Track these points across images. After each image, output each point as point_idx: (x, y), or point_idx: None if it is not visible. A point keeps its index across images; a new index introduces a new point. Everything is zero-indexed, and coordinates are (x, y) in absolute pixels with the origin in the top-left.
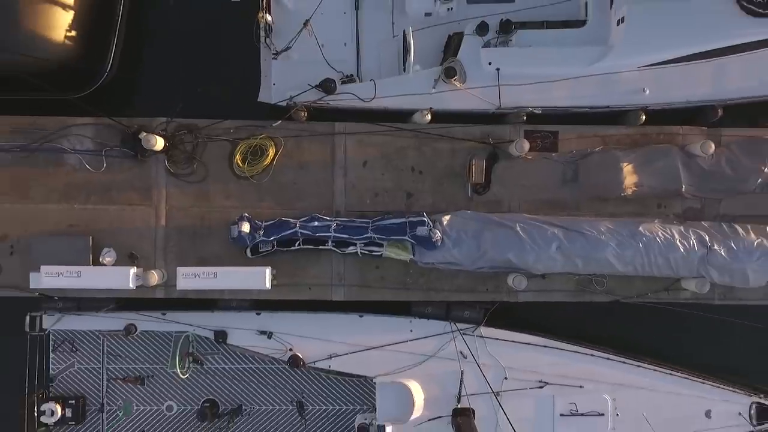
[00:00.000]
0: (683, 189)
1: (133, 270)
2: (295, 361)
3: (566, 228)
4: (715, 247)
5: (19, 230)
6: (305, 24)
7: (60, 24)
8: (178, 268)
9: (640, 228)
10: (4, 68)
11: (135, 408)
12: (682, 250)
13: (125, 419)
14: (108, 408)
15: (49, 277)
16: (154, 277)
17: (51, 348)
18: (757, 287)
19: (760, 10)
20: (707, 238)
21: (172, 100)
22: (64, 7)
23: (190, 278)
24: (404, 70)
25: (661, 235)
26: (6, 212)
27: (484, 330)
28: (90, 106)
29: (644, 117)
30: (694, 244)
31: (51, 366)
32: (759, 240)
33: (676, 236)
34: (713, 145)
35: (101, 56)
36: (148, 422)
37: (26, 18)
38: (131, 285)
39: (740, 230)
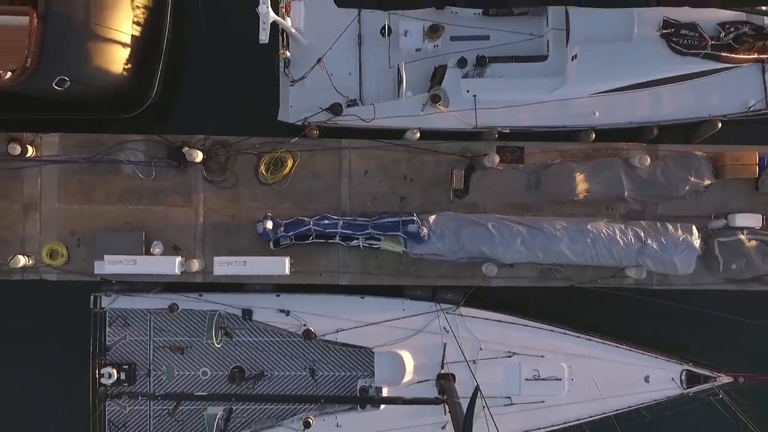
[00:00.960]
0: (626, 194)
1: (177, 259)
2: (308, 335)
3: (529, 226)
4: (649, 241)
5: (84, 227)
6: (318, 60)
7: (116, 59)
8: (214, 257)
9: (588, 226)
10: (73, 96)
11: (176, 373)
12: (622, 243)
13: (168, 382)
14: (154, 373)
15: (111, 264)
16: (195, 265)
17: (107, 323)
18: (685, 275)
19: (685, 50)
20: (642, 234)
21: (207, 120)
22: (121, 45)
23: (224, 265)
24: (398, 96)
25: (605, 231)
26: (74, 212)
27: (463, 309)
28: (140, 124)
29: (594, 135)
30: (631, 239)
31: (107, 338)
32: (684, 236)
33: (617, 232)
34: (649, 159)
35: (148, 83)
36: (187, 384)
37: (89, 55)
38: (176, 271)
39: (670, 227)
